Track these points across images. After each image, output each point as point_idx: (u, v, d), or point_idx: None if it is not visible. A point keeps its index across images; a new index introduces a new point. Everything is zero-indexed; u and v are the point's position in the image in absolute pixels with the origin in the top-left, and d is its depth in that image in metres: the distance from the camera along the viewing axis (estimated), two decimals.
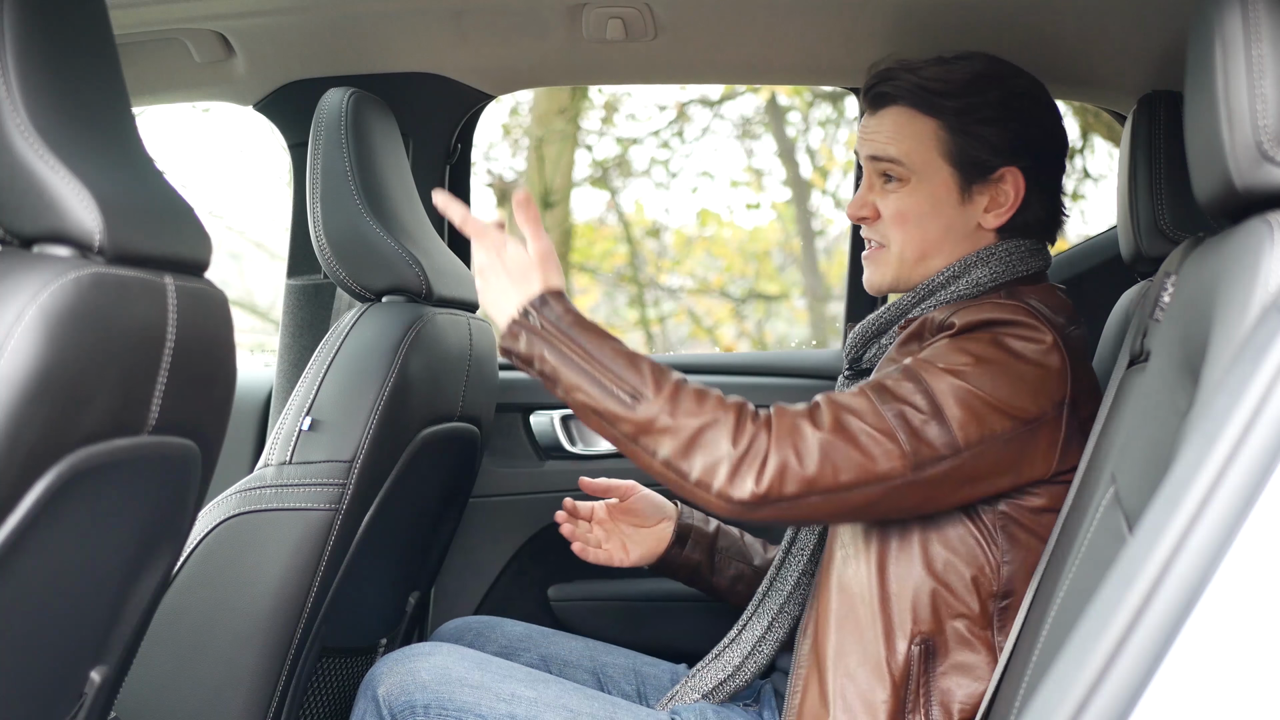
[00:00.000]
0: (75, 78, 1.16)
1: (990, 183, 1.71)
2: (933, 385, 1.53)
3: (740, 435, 1.49)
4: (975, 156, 1.70)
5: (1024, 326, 1.58)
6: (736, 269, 8.23)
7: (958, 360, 1.54)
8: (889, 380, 1.54)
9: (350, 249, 1.94)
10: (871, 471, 1.50)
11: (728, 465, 1.48)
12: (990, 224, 1.72)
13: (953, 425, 1.51)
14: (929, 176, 1.71)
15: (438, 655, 1.71)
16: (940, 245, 1.72)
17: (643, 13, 2.04)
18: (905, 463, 1.50)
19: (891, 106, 1.72)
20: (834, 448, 1.49)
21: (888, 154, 1.71)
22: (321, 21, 2.16)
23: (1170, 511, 0.83)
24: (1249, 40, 1.03)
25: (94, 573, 1.26)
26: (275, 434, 1.86)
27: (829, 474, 1.49)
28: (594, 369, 1.53)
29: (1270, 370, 0.84)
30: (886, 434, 1.50)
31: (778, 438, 1.49)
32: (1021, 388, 1.55)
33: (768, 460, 1.48)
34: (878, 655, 1.58)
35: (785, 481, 1.48)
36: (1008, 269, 1.70)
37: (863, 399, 1.53)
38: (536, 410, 2.51)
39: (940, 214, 1.71)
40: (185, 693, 1.78)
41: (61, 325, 1.06)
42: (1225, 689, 0.79)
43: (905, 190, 1.71)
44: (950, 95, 1.70)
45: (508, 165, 7.80)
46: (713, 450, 1.49)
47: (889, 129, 1.72)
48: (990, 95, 1.71)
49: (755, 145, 8.01)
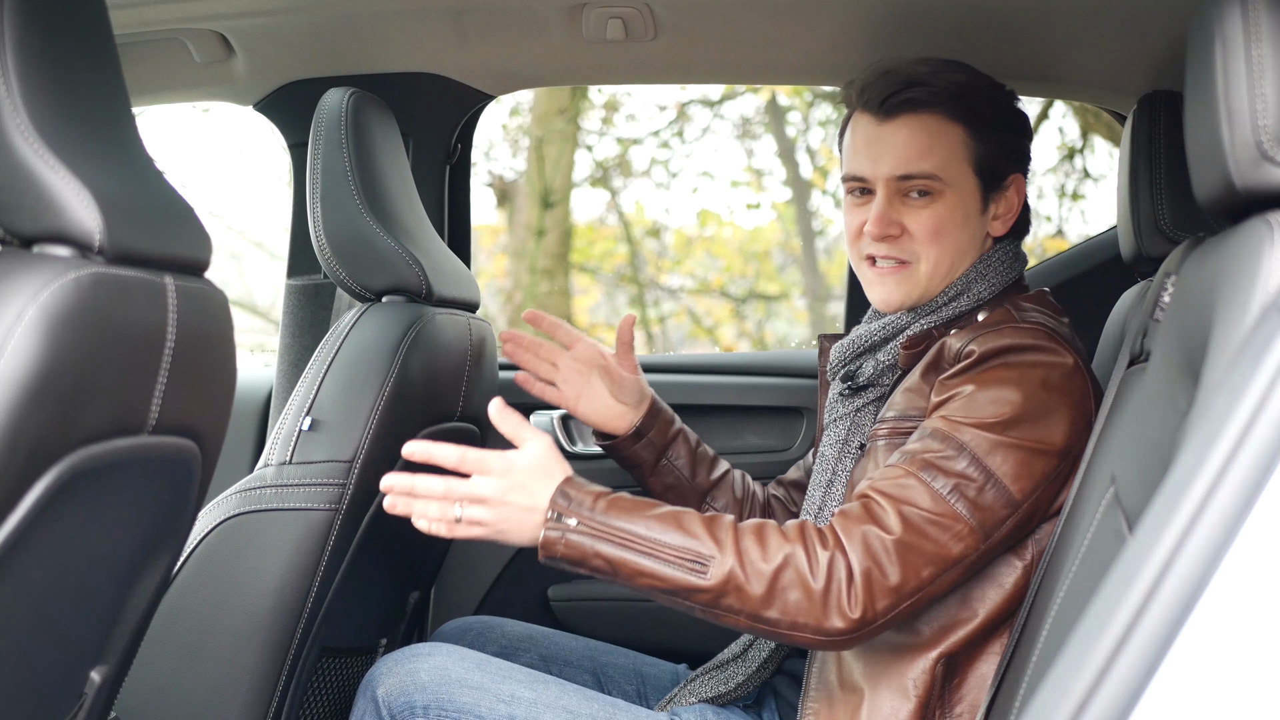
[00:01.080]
0: (75, 78, 1.16)
1: (1002, 191, 1.72)
2: (975, 448, 1.51)
3: (816, 568, 1.46)
4: (994, 164, 1.70)
5: (1045, 351, 1.57)
6: (736, 269, 8.23)
7: (991, 411, 1.53)
8: (931, 455, 1.52)
9: (350, 249, 1.94)
10: (948, 558, 1.49)
11: (816, 604, 1.46)
12: (997, 232, 1.72)
13: (1006, 482, 1.51)
14: (960, 188, 1.68)
15: (437, 656, 1.71)
16: (963, 258, 1.71)
17: (643, 13, 2.04)
18: (975, 537, 1.50)
19: (916, 113, 1.67)
20: (908, 549, 1.48)
21: (923, 170, 1.66)
22: (321, 21, 2.16)
23: (1170, 511, 0.83)
24: (1249, 40, 1.03)
25: (94, 573, 1.26)
26: (275, 434, 1.86)
27: (912, 577, 1.48)
28: (649, 547, 1.48)
29: (1270, 370, 0.84)
30: (951, 516, 1.50)
31: (854, 556, 1.47)
32: (1057, 421, 1.54)
33: (853, 585, 1.46)
34: (903, 676, 1.58)
35: (875, 599, 1.47)
36: (1001, 278, 1.71)
37: (915, 484, 1.51)
38: (536, 410, 2.51)
39: (968, 225, 1.70)
40: (185, 693, 1.78)
41: (61, 325, 1.06)
42: (1225, 689, 0.79)
43: (940, 203, 1.67)
44: (978, 100, 1.68)
45: (508, 165, 7.80)
46: (795, 593, 1.46)
47: (920, 140, 1.66)
48: (1001, 103, 1.72)
49: (755, 145, 8.01)
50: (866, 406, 1.74)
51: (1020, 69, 2.18)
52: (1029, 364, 1.56)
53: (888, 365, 1.72)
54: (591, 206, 9.12)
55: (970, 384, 1.56)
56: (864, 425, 1.74)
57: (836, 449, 1.75)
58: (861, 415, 1.74)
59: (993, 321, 1.65)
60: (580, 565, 1.50)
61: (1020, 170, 1.74)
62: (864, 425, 1.74)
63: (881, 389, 1.73)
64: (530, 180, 7.59)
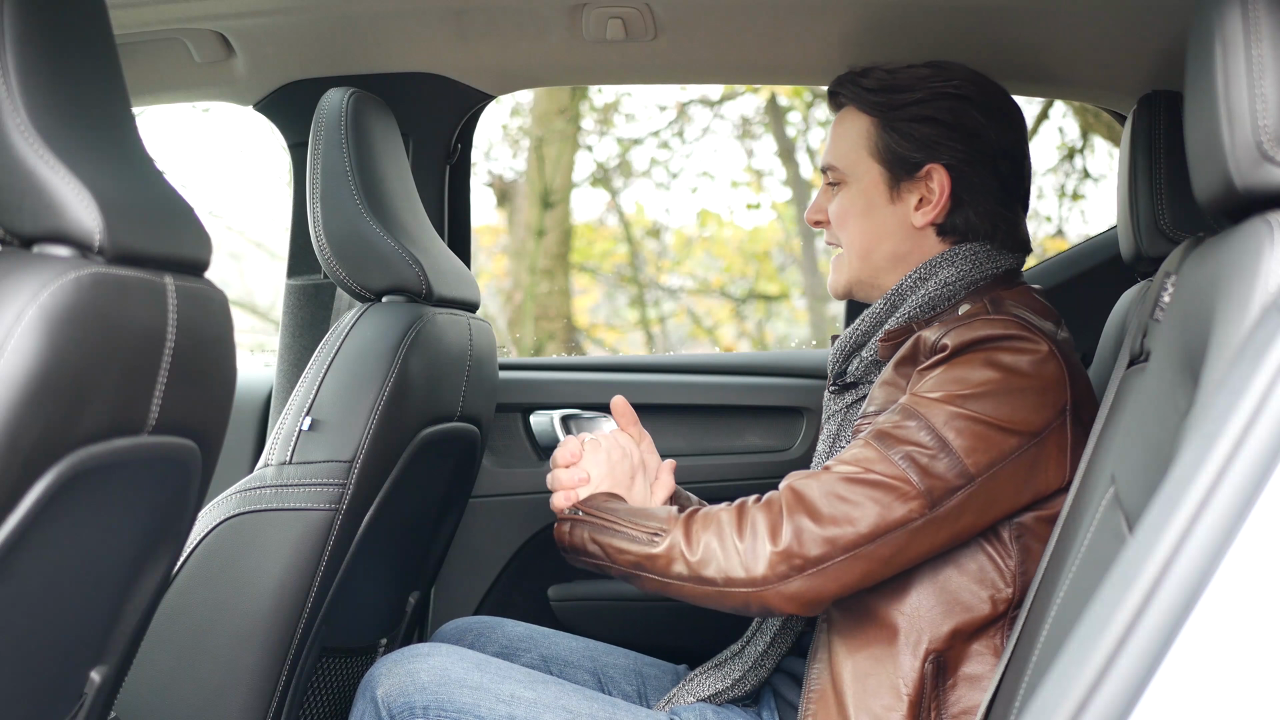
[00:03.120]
0: (75, 78, 1.16)
1: (917, 180, 1.75)
2: (932, 419, 1.54)
3: (744, 523, 1.54)
4: (900, 153, 1.75)
5: (1017, 339, 1.59)
6: (736, 269, 8.23)
7: (953, 388, 1.56)
8: (888, 425, 1.56)
9: (350, 249, 1.94)
10: (889, 518, 1.51)
11: (743, 554, 1.53)
12: (920, 222, 1.75)
13: (960, 454, 1.53)
14: (860, 176, 1.78)
15: (436, 656, 1.71)
16: (878, 242, 1.77)
17: (643, 13, 2.04)
18: (921, 502, 1.52)
19: (842, 109, 1.81)
20: (844, 500, 1.52)
21: (827, 160, 1.81)
22: (321, 21, 2.16)
23: (1170, 511, 0.83)
24: (1249, 40, 1.03)
25: (94, 573, 1.26)
26: (275, 434, 1.86)
27: (847, 527, 1.51)
28: (623, 525, 1.63)
29: (1270, 370, 0.84)
30: (900, 478, 1.52)
31: (785, 505, 1.53)
32: (1022, 402, 1.55)
33: (778, 531, 1.52)
34: (893, 676, 1.58)
35: (804, 544, 1.51)
36: (975, 268, 1.72)
37: (868, 449, 1.55)
38: (536, 410, 2.51)
39: (873, 212, 1.77)
40: (185, 693, 1.78)
41: (61, 325, 1.06)
42: (1225, 689, 0.79)
43: (844, 192, 1.79)
44: (883, 92, 1.76)
45: (508, 165, 7.80)
46: (726, 546, 1.54)
47: (834, 133, 1.81)
48: (919, 93, 1.75)
49: (755, 145, 8.01)
50: (855, 403, 1.77)
51: (1020, 69, 2.18)
52: (999, 349, 1.58)
53: (871, 361, 1.75)
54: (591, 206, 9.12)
55: (940, 368, 1.59)
56: (853, 421, 1.75)
57: (828, 445, 1.79)
58: (852, 412, 1.77)
59: (968, 315, 1.66)
60: (580, 554, 1.67)
61: (939, 160, 1.74)
62: (853, 421, 1.75)
63: (869, 386, 1.75)
64: (530, 180, 7.59)
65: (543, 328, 7.58)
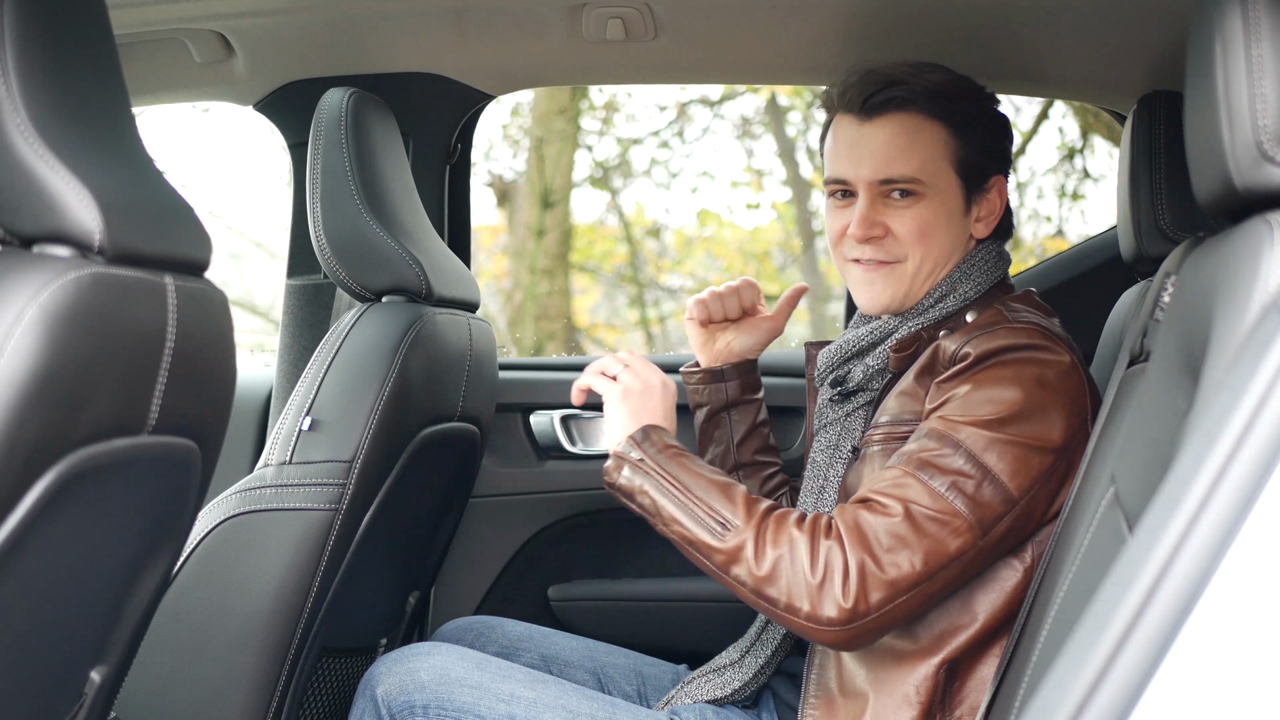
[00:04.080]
0: (75, 78, 1.16)
1: (984, 192, 1.73)
2: (971, 445, 1.52)
3: (815, 558, 1.49)
4: (976, 165, 1.70)
5: (1040, 350, 1.58)
6: (737, 269, 8.22)
7: (987, 411, 1.54)
8: (928, 454, 1.53)
9: (350, 249, 1.94)
10: (945, 554, 1.50)
11: (812, 591, 1.49)
12: (980, 234, 1.73)
13: (1004, 479, 1.52)
14: (942, 188, 1.69)
15: (436, 655, 1.71)
16: (948, 258, 1.71)
17: (643, 13, 2.04)
18: (974, 533, 1.51)
19: (896, 113, 1.67)
20: (903, 543, 1.49)
21: (903, 174, 1.67)
22: (321, 21, 2.16)
23: (1170, 511, 0.83)
24: (1249, 40, 1.03)
25: (94, 572, 1.26)
26: (275, 434, 1.86)
27: (907, 569, 1.49)
28: (689, 500, 1.56)
29: (1270, 370, 0.84)
30: (950, 513, 1.50)
31: (850, 547, 1.49)
32: (1051, 418, 1.55)
33: (848, 577, 1.48)
34: (904, 683, 1.58)
35: (869, 591, 1.48)
36: (986, 278, 1.72)
37: (913, 482, 1.52)
38: (536, 410, 2.51)
39: (951, 226, 1.70)
40: (185, 693, 1.78)
41: (61, 325, 1.06)
42: (1225, 689, 0.79)
43: (923, 204, 1.68)
44: (959, 100, 1.69)
45: (508, 165, 7.80)
46: (795, 577, 1.50)
47: (900, 140, 1.67)
48: (982, 104, 1.73)
49: (755, 145, 8.01)
50: (857, 411, 1.74)
51: (1020, 70, 2.18)
52: (1025, 361, 1.56)
53: (877, 369, 1.72)
54: (591, 206, 9.12)
55: (966, 384, 1.56)
56: (854, 430, 1.74)
57: (827, 455, 1.75)
58: (852, 420, 1.75)
59: (986, 323, 1.64)
60: (630, 498, 1.61)
61: (1001, 172, 1.74)
62: (854, 430, 1.74)
63: (871, 393, 1.74)
64: (530, 180, 7.59)
65: (543, 328, 7.58)
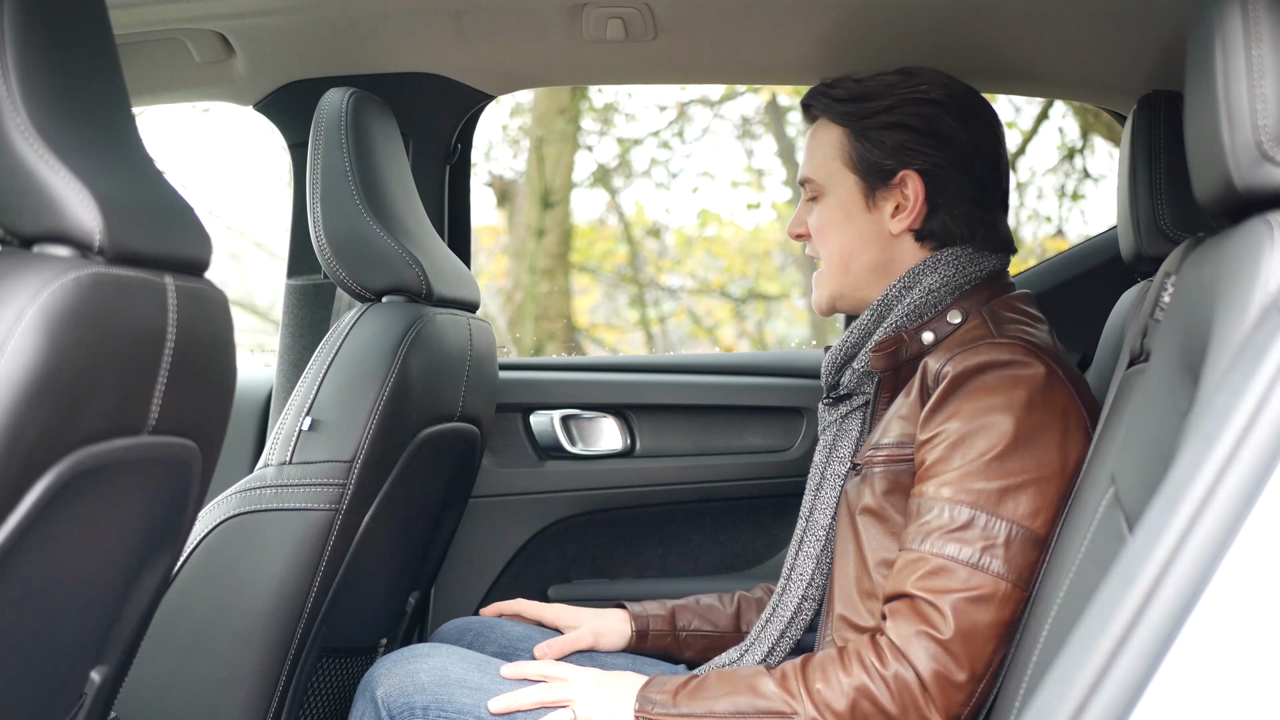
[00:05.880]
0: (75, 78, 1.16)
1: (892, 187, 1.74)
2: (985, 505, 1.52)
3: (889, 689, 1.49)
4: (873, 161, 1.74)
5: (1021, 365, 1.57)
6: (737, 269, 8.22)
7: (982, 447, 1.53)
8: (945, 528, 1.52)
9: (350, 249, 1.94)
10: (1003, 624, 1.51)
11: (898, 689, 1.49)
12: (896, 229, 1.74)
13: (1026, 524, 1.52)
14: (836, 187, 1.77)
15: (436, 657, 1.71)
16: (858, 253, 1.75)
17: (643, 13, 2.04)
18: (1019, 592, 1.51)
19: (815, 121, 1.80)
20: (968, 638, 1.50)
21: (804, 174, 1.80)
22: (321, 21, 2.16)
23: (1170, 511, 0.83)
24: (1249, 40, 1.03)
25: (94, 573, 1.26)
26: (275, 434, 1.86)
27: (981, 662, 1.50)
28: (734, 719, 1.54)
29: (1270, 370, 0.84)
30: (989, 583, 1.50)
31: (920, 665, 1.49)
32: (1049, 440, 1.55)
33: (928, 693, 1.49)
34: None
35: (951, 698, 1.49)
36: (959, 272, 1.71)
37: (945, 564, 1.51)
38: (536, 410, 2.51)
39: (851, 222, 1.76)
40: (185, 693, 1.78)
41: (61, 325, 1.06)
42: (1225, 689, 0.79)
43: (822, 204, 1.78)
44: (852, 101, 1.76)
45: (508, 165, 7.80)
46: (874, 716, 1.50)
47: (809, 146, 1.80)
48: (888, 100, 1.75)
49: (755, 145, 8.01)
50: (852, 414, 1.77)
51: (1020, 70, 2.18)
52: (1009, 381, 1.56)
53: (863, 372, 1.74)
54: (591, 207, 9.12)
55: (955, 419, 1.56)
56: (850, 432, 1.77)
57: (825, 455, 1.79)
58: (848, 422, 1.77)
59: (970, 338, 1.64)
60: None
61: (912, 166, 1.72)
62: (850, 432, 1.77)
63: (865, 396, 1.76)
64: (530, 180, 7.59)
65: (543, 328, 7.58)
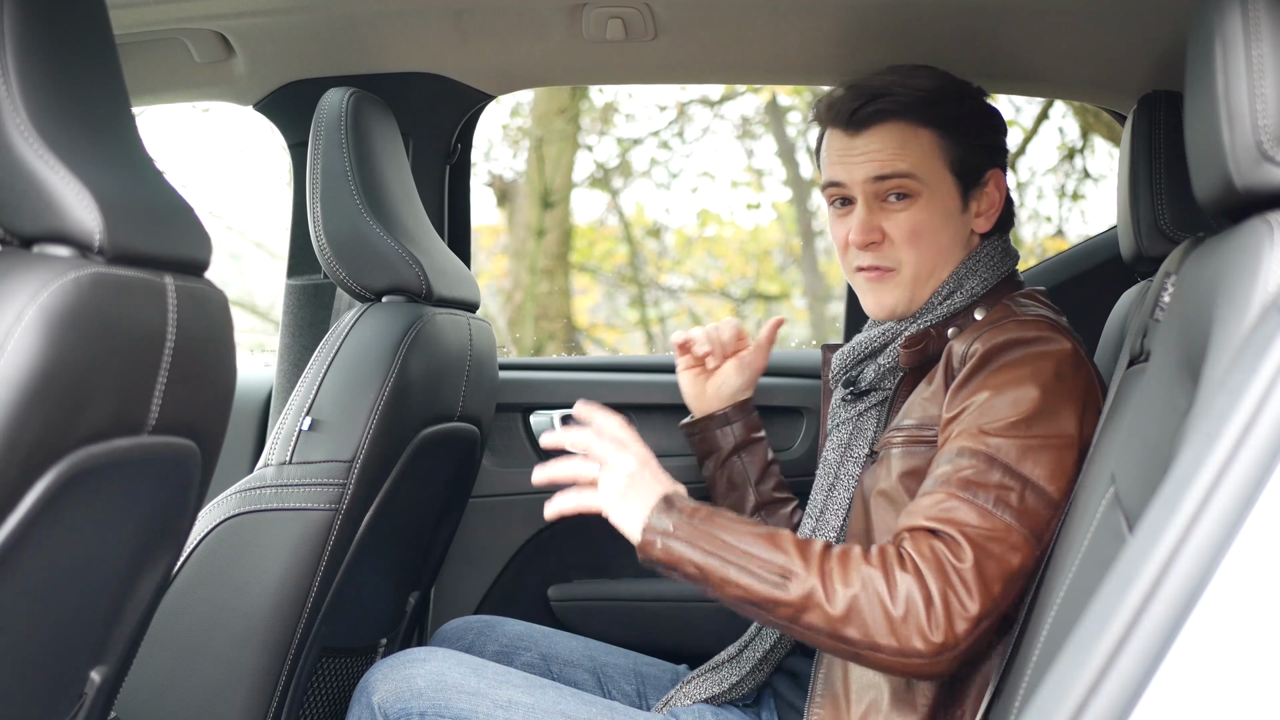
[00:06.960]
0: (75, 78, 1.16)
1: (982, 188, 1.74)
2: (1005, 457, 1.52)
3: (895, 593, 1.47)
4: (971, 163, 1.73)
5: (1049, 341, 1.59)
6: (737, 269, 8.23)
7: (1009, 413, 1.53)
8: (965, 473, 1.52)
9: (350, 249, 1.94)
10: (1011, 570, 1.50)
11: (896, 627, 1.46)
12: (981, 229, 1.75)
13: (1043, 484, 1.52)
14: (937, 188, 1.71)
15: (433, 661, 1.71)
16: (947, 258, 1.72)
17: (643, 13, 2.04)
18: (1030, 544, 1.51)
19: (884, 124, 1.70)
20: (981, 571, 1.48)
21: (898, 169, 1.69)
22: (321, 21, 2.16)
23: (1170, 511, 0.83)
24: (1249, 40, 1.03)
25: (94, 572, 1.26)
26: (275, 434, 1.86)
27: (987, 598, 1.48)
28: (738, 558, 1.50)
29: (1270, 370, 0.84)
30: (1004, 529, 1.50)
31: (930, 580, 1.47)
32: (1070, 411, 1.55)
33: (933, 610, 1.46)
34: (910, 688, 1.58)
35: (955, 624, 1.47)
36: (993, 273, 1.73)
37: (960, 504, 1.51)
38: (536, 410, 2.51)
39: (949, 225, 1.72)
40: (185, 693, 1.78)
41: (61, 325, 1.06)
42: (1225, 689, 0.79)
43: (917, 206, 1.70)
44: (945, 103, 1.71)
45: (508, 165, 7.80)
46: (875, 615, 1.47)
47: (892, 144, 1.69)
48: (971, 103, 1.75)
49: (755, 145, 8.01)
50: (869, 411, 1.75)
51: (1020, 70, 2.18)
52: (1038, 356, 1.57)
53: (888, 369, 1.73)
54: (591, 207, 9.12)
55: (984, 390, 1.56)
56: (866, 429, 1.75)
57: (839, 454, 1.76)
58: (864, 420, 1.75)
59: (993, 319, 1.65)
60: (673, 570, 1.53)
61: (997, 165, 1.76)
62: (866, 429, 1.75)
63: (884, 393, 1.74)
64: (530, 180, 7.59)
65: (543, 328, 7.58)
